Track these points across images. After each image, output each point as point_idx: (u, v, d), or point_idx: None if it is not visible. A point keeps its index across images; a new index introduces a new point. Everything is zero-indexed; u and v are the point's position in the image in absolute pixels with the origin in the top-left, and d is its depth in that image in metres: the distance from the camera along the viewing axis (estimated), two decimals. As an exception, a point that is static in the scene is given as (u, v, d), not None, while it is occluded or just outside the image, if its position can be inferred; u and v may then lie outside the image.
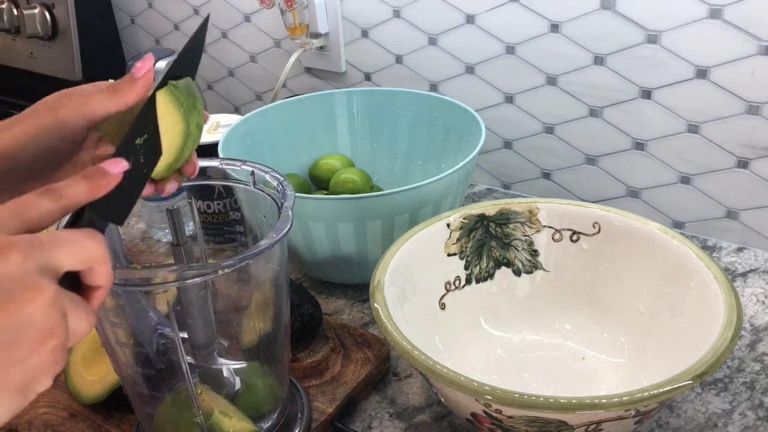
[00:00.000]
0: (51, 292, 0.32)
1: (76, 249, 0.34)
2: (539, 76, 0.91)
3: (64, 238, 0.34)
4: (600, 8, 0.82)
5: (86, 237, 0.35)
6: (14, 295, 0.30)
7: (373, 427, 0.62)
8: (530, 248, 0.68)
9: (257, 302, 0.55)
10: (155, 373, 0.54)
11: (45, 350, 0.31)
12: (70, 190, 0.36)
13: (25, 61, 1.35)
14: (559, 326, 0.67)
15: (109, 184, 0.38)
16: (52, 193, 0.36)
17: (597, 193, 0.94)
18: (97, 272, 0.35)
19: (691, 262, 0.58)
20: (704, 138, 0.82)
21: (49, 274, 0.32)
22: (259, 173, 0.55)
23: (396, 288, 0.59)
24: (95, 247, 0.35)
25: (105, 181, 0.38)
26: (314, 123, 0.92)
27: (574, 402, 0.45)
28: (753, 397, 0.63)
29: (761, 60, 0.75)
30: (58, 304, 0.32)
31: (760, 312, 0.73)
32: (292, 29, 1.04)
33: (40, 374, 0.32)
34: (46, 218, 0.35)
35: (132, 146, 0.42)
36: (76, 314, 0.34)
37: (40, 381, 0.32)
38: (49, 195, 0.35)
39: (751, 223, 0.84)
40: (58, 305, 0.32)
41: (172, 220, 0.52)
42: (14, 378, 0.31)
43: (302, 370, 0.65)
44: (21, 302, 0.31)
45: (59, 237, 0.34)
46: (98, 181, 0.38)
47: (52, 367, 0.32)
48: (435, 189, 0.69)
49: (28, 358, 0.31)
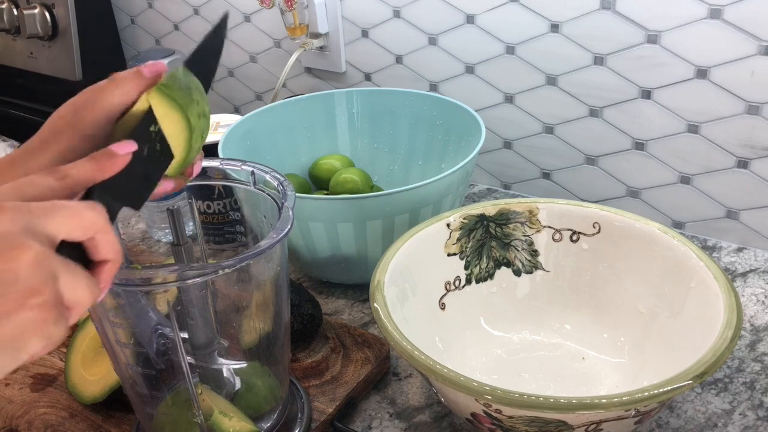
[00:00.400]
0: (35, 251, 0.32)
1: (71, 216, 0.34)
2: (539, 76, 0.91)
3: (59, 205, 0.34)
4: (600, 8, 0.82)
5: (84, 206, 0.35)
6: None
7: (373, 427, 0.62)
8: (530, 248, 0.68)
9: (257, 302, 0.55)
10: (155, 373, 0.54)
11: (30, 307, 0.32)
12: (74, 170, 0.37)
13: (25, 61, 1.35)
14: (559, 326, 0.67)
15: (115, 165, 0.39)
16: (57, 172, 0.36)
17: (597, 193, 0.94)
18: (100, 243, 0.35)
19: (691, 262, 0.58)
20: (704, 138, 0.82)
21: (39, 239, 0.33)
22: (260, 173, 0.55)
23: (396, 288, 0.59)
24: (94, 216, 0.35)
25: (111, 162, 0.39)
26: (314, 123, 0.92)
27: (574, 402, 0.45)
28: (753, 397, 0.63)
29: (761, 60, 0.75)
30: (45, 264, 0.32)
31: (760, 312, 0.73)
32: (292, 29, 1.04)
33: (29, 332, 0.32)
34: (48, 196, 0.35)
35: (145, 132, 0.42)
36: (73, 281, 0.34)
37: (29, 340, 0.32)
38: (53, 174, 0.36)
39: (751, 223, 0.84)
40: (44, 265, 0.32)
41: (173, 220, 0.52)
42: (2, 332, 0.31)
43: (302, 370, 0.65)
44: (5, 260, 0.31)
45: (53, 204, 0.34)
46: (104, 162, 0.38)
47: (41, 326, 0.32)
48: (435, 189, 0.69)
49: (13, 313, 0.31)
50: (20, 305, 0.31)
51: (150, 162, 0.42)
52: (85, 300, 0.35)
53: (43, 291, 0.32)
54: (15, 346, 0.32)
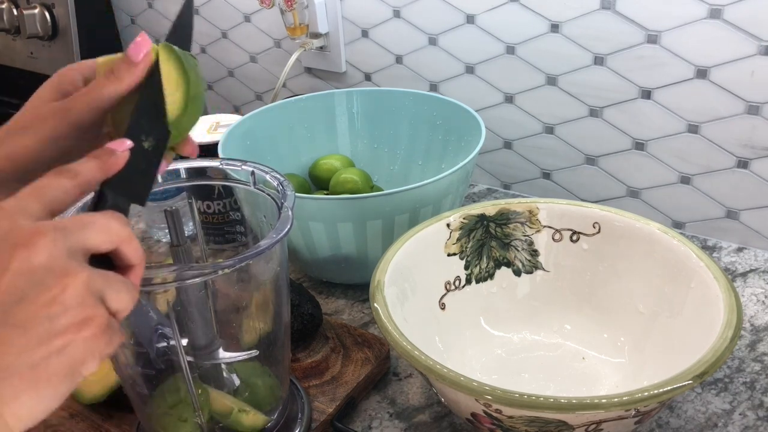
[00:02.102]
0: (84, 275, 0.32)
1: (101, 229, 0.34)
2: (539, 76, 0.91)
3: (87, 219, 0.34)
4: (600, 8, 0.82)
5: (108, 217, 0.35)
6: (48, 285, 0.31)
7: (373, 427, 0.62)
8: (530, 248, 0.68)
9: (257, 302, 0.55)
10: (155, 373, 0.54)
11: (83, 338, 0.32)
12: (83, 168, 0.37)
13: (25, 61, 1.35)
14: (559, 326, 0.67)
15: (117, 163, 0.39)
16: (67, 172, 0.36)
17: (597, 193, 0.94)
18: (126, 250, 0.36)
19: (691, 262, 0.58)
20: (704, 138, 0.82)
21: (79, 257, 0.33)
22: (259, 173, 0.55)
23: (396, 288, 0.59)
24: (119, 226, 0.35)
25: (113, 159, 0.39)
26: (314, 123, 0.92)
27: (574, 402, 0.45)
28: (753, 397, 0.63)
29: (761, 60, 0.75)
30: (92, 286, 0.32)
31: (760, 312, 0.73)
32: (292, 29, 1.04)
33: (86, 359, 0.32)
34: (65, 198, 0.36)
35: (139, 126, 0.42)
36: (115, 292, 0.34)
37: (85, 365, 0.32)
38: (65, 174, 0.36)
39: (751, 223, 0.84)
40: (92, 288, 0.32)
41: (171, 221, 0.52)
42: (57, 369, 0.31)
43: (302, 370, 0.65)
44: (55, 291, 0.31)
45: (82, 219, 0.34)
46: (106, 159, 0.38)
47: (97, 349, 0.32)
48: (435, 189, 0.69)
49: (68, 348, 0.31)
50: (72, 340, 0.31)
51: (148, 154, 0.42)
52: (129, 305, 0.35)
53: (96, 315, 0.32)
54: (73, 374, 0.32)
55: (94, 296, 0.32)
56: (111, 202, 0.39)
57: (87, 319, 0.32)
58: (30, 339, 0.30)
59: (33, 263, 0.31)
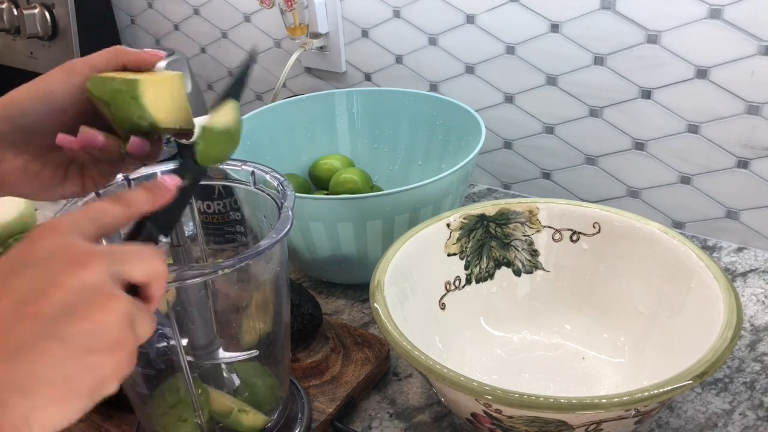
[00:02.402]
0: (126, 301, 0.34)
1: (147, 263, 0.36)
2: (539, 76, 0.91)
3: (136, 252, 0.36)
4: (600, 8, 0.82)
5: (152, 253, 0.37)
6: (93, 304, 0.32)
7: (373, 427, 0.62)
8: (530, 248, 0.68)
9: (257, 302, 0.55)
10: (155, 373, 0.54)
11: (115, 359, 0.33)
12: (136, 198, 0.39)
13: (25, 61, 1.35)
14: (559, 326, 0.67)
15: (165, 197, 0.41)
16: (123, 201, 0.39)
17: (597, 193, 0.94)
18: (155, 287, 0.37)
19: (691, 262, 0.58)
20: (704, 138, 0.82)
21: (118, 283, 0.34)
22: (260, 173, 0.55)
23: (396, 288, 0.59)
24: (160, 264, 0.37)
25: (163, 193, 0.41)
26: (314, 123, 0.91)
27: (574, 402, 0.45)
28: (753, 397, 0.63)
29: (761, 60, 0.75)
30: (129, 313, 0.34)
31: (760, 312, 0.73)
32: (292, 29, 1.04)
33: (110, 380, 0.33)
34: (115, 224, 0.38)
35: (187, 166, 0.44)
36: (144, 323, 0.35)
37: (108, 386, 0.33)
38: (120, 202, 0.38)
39: (751, 223, 0.84)
40: (129, 315, 0.34)
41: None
42: (86, 385, 0.32)
43: (302, 370, 0.65)
44: (98, 310, 0.32)
45: (132, 251, 0.36)
46: (158, 193, 0.41)
47: (121, 374, 0.34)
48: (435, 189, 0.69)
49: (100, 366, 0.32)
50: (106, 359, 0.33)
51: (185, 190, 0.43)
52: (149, 335, 0.36)
53: (128, 341, 0.34)
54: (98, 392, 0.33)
55: (129, 323, 0.34)
56: (146, 232, 0.40)
57: (121, 342, 0.33)
58: (69, 353, 0.31)
59: (85, 282, 0.33)
